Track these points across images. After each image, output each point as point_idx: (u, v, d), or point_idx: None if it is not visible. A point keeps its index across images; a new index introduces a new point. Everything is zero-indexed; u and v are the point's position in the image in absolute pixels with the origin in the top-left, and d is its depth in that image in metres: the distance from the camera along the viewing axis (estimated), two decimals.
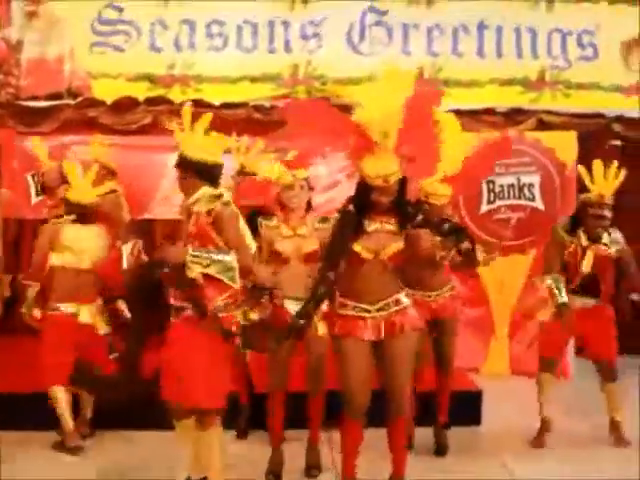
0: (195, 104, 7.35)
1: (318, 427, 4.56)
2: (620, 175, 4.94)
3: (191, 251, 3.58)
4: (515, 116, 7.74)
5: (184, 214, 3.81)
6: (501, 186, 7.02)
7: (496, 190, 7.03)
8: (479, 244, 5.21)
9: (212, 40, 7.75)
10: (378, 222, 3.75)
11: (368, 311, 3.77)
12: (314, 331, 4.17)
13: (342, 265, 3.71)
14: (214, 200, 3.69)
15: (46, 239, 4.89)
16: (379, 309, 3.77)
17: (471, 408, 5.46)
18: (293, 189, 4.39)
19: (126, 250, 5.53)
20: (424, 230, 3.71)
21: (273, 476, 4.46)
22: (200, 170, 3.76)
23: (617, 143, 7.91)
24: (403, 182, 3.72)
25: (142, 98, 7.57)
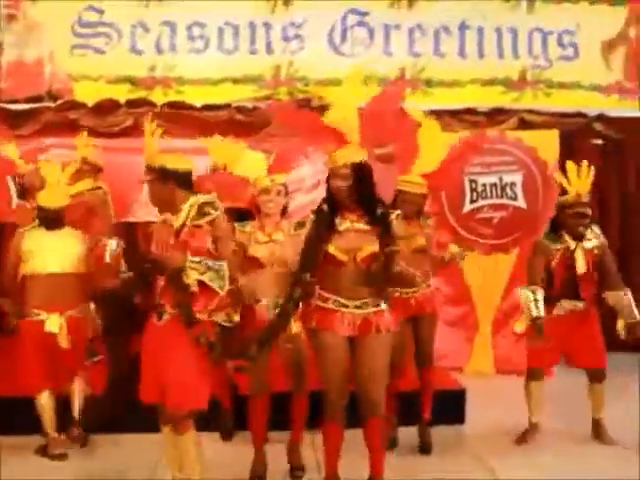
0: (177, 106, 7.46)
1: (300, 428, 4.53)
2: (592, 172, 4.95)
3: (191, 257, 3.55)
4: (497, 116, 7.81)
5: (164, 223, 3.75)
6: (484, 185, 7.03)
7: (479, 189, 7.04)
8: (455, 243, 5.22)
9: (193, 42, 7.75)
10: (348, 220, 3.77)
11: (346, 306, 3.78)
12: (293, 332, 4.15)
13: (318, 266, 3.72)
14: (210, 208, 3.65)
15: (12, 249, 4.79)
16: (357, 306, 3.78)
17: (455, 407, 5.46)
18: (269, 193, 4.33)
19: (110, 246, 5.51)
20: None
21: (257, 478, 4.44)
22: (182, 179, 3.71)
23: (598, 142, 7.98)
24: (364, 172, 3.74)
25: (123, 100, 7.58)
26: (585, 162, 4.96)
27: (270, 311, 4.15)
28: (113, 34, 7.68)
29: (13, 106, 7.30)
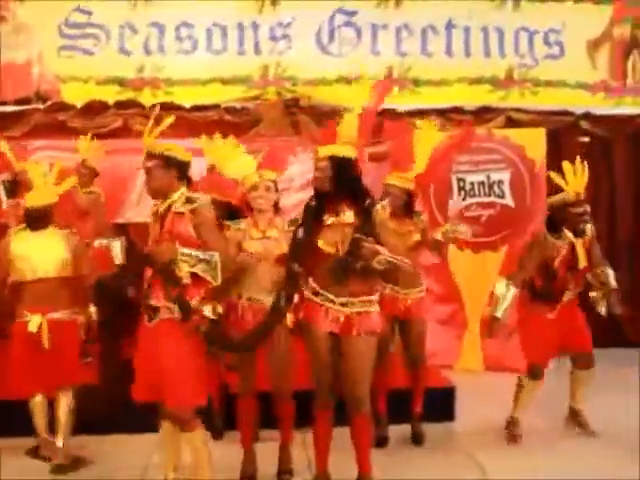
0: (165, 107, 7.46)
1: (289, 430, 4.49)
2: (586, 169, 4.99)
3: (181, 249, 3.58)
4: (484, 114, 7.86)
5: (155, 215, 3.78)
6: (471, 184, 7.07)
7: (466, 188, 7.08)
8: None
9: (181, 43, 7.77)
10: (334, 214, 3.82)
11: (332, 301, 3.82)
12: (279, 331, 4.15)
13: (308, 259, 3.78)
14: (193, 201, 3.68)
15: (0, 252, 4.74)
16: (342, 303, 3.82)
17: (444, 404, 5.49)
18: (257, 189, 4.31)
19: (115, 247, 5.49)
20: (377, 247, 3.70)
21: (247, 478, 4.45)
22: (182, 170, 3.76)
23: (585, 139, 8.04)
24: (345, 166, 3.79)
25: (112, 101, 7.58)
26: (578, 159, 4.99)
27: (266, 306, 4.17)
28: (101, 35, 7.69)
29: (1, 108, 7.29)
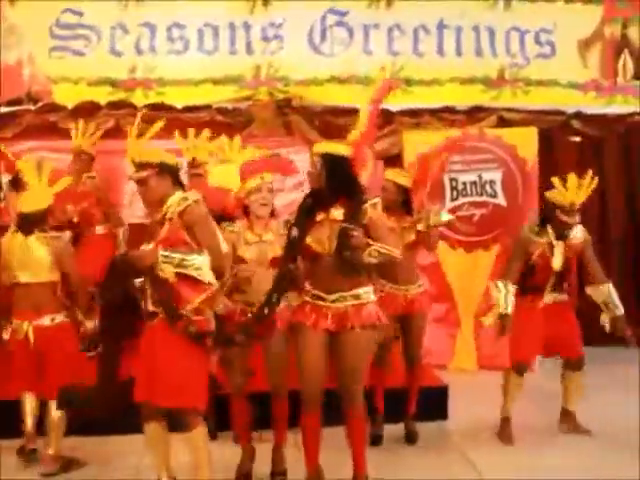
0: (157, 107, 7.45)
1: (282, 430, 4.47)
2: (594, 183, 4.96)
3: (161, 251, 3.52)
4: (476, 114, 7.87)
5: (155, 222, 3.73)
6: (463, 183, 7.09)
7: (459, 187, 7.10)
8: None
9: (173, 43, 7.74)
10: (324, 212, 3.81)
11: (323, 299, 3.82)
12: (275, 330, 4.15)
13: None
14: (185, 201, 3.65)
15: None
16: (334, 300, 3.81)
17: (437, 403, 5.50)
18: (261, 192, 4.28)
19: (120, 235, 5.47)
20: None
21: (242, 477, 4.44)
22: (177, 175, 3.75)
23: (576, 139, 8.06)
24: (337, 163, 3.78)
25: (104, 102, 7.56)
26: (590, 173, 4.95)
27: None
28: (92, 36, 7.65)
29: None
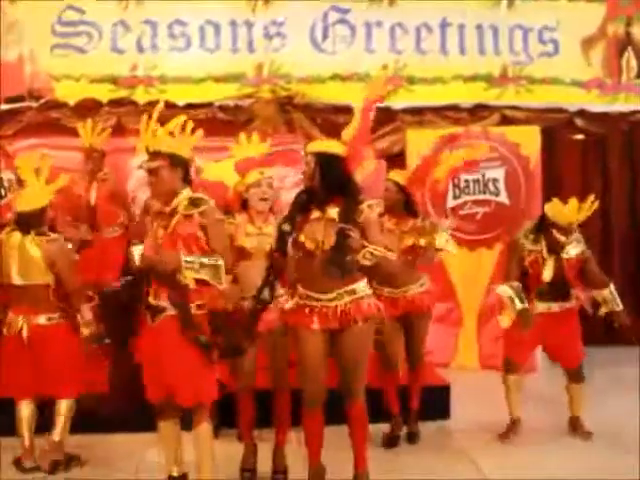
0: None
1: (284, 427, 4.43)
2: (595, 205, 4.90)
3: (184, 257, 3.56)
4: (479, 112, 7.85)
5: (158, 216, 3.75)
6: (466, 181, 7.08)
7: (461, 185, 7.09)
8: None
9: (175, 41, 7.73)
10: (319, 210, 3.79)
11: (318, 300, 3.79)
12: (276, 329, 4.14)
13: (291, 250, 3.76)
14: (200, 203, 3.66)
15: None
16: (331, 299, 3.78)
17: (440, 402, 5.48)
18: (261, 185, 4.33)
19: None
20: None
21: (247, 472, 4.43)
22: (187, 171, 3.74)
23: (579, 137, 8.04)
24: (330, 161, 3.76)
25: (105, 100, 7.55)
26: (592, 198, 4.86)
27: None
28: (94, 33, 7.65)
29: None
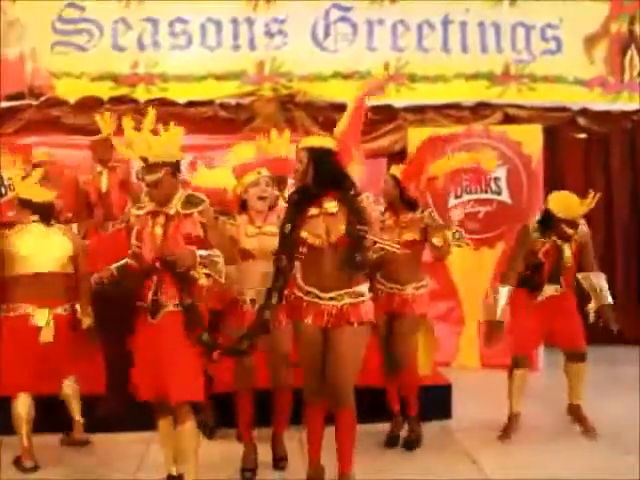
0: (160, 103, 7.42)
1: (283, 419, 4.48)
2: (597, 199, 4.89)
3: (199, 252, 3.62)
4: (481, 110, 7.83)
5: (155, 217, 3.77)
6: (468, 180, 7.05)
7: (463, 184, 7.07)
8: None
9: (176, 38, 7.72)
10: (318, 205, 3.78)
11: (317, 297, 3.78)
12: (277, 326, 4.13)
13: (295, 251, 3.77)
14: (196, 201, 3.75)
15: None
16: (331, 298, 3.77)
17: (441, 402, 5.46)
18: (259, 185, 4.35)
19: None
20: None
21: (248, 471, 4.42)
22: (178, 170, 3.80)
23: (582, 136, 8.01)
24: (322, 156, 3.77)
25: (106, 97, 7.54)
26: (592, 193, 4.85)
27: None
28: (94, 31, 7.64)
29: None
